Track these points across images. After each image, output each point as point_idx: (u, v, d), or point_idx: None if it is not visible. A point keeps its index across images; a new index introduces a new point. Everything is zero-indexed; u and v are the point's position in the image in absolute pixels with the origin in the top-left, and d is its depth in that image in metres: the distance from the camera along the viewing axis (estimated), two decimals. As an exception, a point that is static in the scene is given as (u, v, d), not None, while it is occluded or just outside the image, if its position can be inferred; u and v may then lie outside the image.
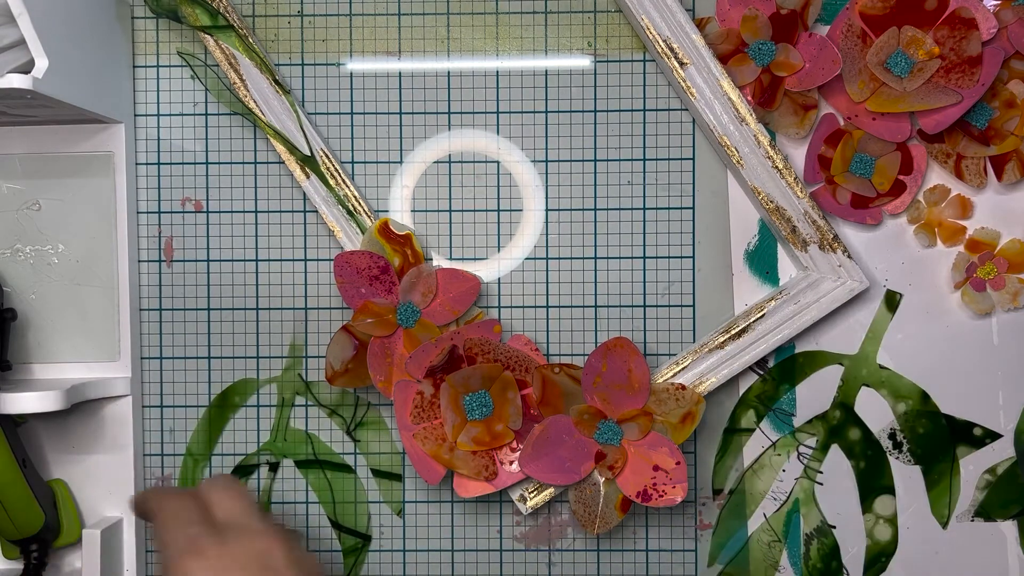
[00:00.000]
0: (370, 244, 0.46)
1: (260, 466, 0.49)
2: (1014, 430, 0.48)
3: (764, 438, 0.48)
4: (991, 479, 0.48)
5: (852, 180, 0.47)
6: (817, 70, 0.45)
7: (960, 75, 0.45)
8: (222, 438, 0.49)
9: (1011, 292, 0.47)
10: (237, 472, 0.49)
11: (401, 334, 0.46)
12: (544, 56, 0.48)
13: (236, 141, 0.49)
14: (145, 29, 0.48)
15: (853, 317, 0.48)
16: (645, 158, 0.48)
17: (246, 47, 0.46)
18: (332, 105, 0.48)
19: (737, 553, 0.49)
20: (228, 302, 0.49)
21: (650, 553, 0.49)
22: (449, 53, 0.48)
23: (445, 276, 0.46)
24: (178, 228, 0.49)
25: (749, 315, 0.46)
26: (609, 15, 0.48)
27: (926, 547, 0.48)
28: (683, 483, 0.45)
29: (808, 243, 0.46)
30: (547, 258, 0.48)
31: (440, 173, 0.48)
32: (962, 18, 0.44)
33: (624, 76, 0.48)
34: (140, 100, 0.49)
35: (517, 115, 0.48)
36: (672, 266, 0.48)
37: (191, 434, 0.49)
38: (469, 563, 0.49)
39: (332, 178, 0.47)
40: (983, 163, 0.47)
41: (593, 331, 0.48)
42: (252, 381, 0.49)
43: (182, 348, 0.49)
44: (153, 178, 0.49)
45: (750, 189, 0.46)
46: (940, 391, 0.48)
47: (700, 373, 0.46)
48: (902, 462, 0.48)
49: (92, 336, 0.47)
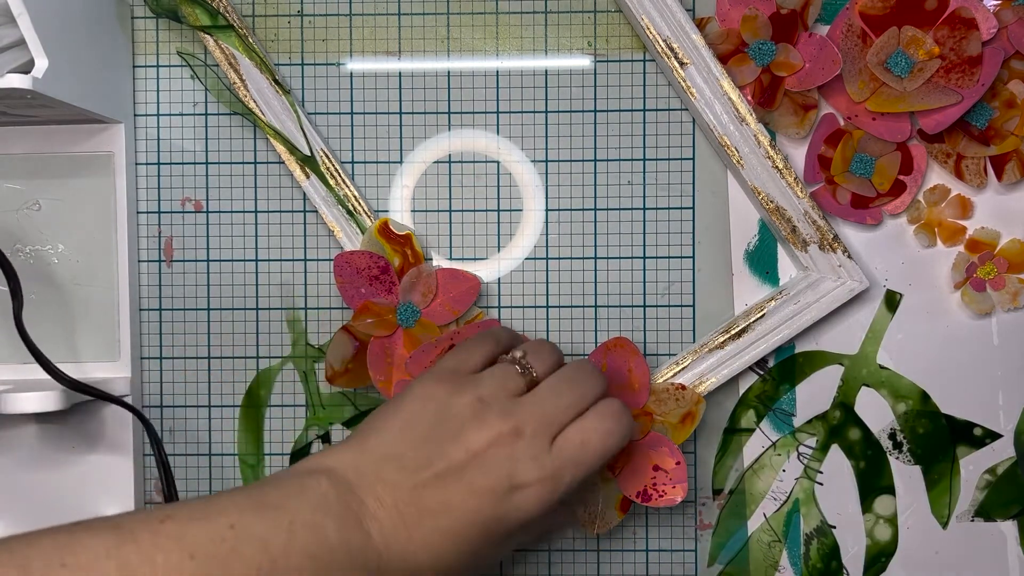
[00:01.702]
0: (370, 244, 0.46)
1: (312, 443, 0.49)
2: (1014, 430, 0.48)
3: (764, 438, 0.48)
4: (991, 479, 0.48)
5: (852, 180, 0.47)
6: (817, 70, 0.45)
7: (960, 75, 0.45)
8: (269, 437, 0.49)
9: (1011, 292, 0.47)
10: (294, 458, 0.49)
11: (401, 334, 0.46)
12: (544, 56, 0.48)
13: (236, 141, 0.49)
14: (145, 29, 0.48)
15: (853, 317, 0.48)
16: (645, 158, 0.48)
17: (246, 47, 0.46)
18: (332, 105, 0.48)
19: (737, 553, 0.49)
20: (228, 302, 0.49)
21: (650, 553, 0.49)
22: (449, 53, 0.48)
23: (445, 276, 0.46)
24: (178, 228, 0.49)
25: (749, 315, 0.46)
26: (609, 15, 0.48)
27: (926, 547, 0.48)
28: (683, 483, 0.45)
29: (808, 243, 0.46)
30: (547, 258, 0.48)
31: (440, 173, 0.48)
32: (962, 18, 0.44)
33: (624, 76, 0.48)
34: (140, 100, 0.49)
35: (517, 115, 0.48)
36: (672, 266, 0.48)
37: (236, 440, 0.49)
38: (469, 563, 0.49)
39: (332, 178, 0.47)
40: (983, 163, 0.47)
41: (593, 331, 0.48)
42: (267, 370, 0.49)
43: (182, 348, 0.49)
44: (153, 178, 0.49)
45: (750, 189, 0.46)
46: (940, 391, 0.48)
47: (700, 373, 0.46)
48: (902, 462, 0.48)
49: (92, 336, 0.47)
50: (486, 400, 0.38)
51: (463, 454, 0.36)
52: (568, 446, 0.37)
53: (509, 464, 0.36)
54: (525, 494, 0.36)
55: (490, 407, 0.37)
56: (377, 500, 0.35)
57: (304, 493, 0.34)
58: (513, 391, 0.38)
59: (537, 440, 0.37)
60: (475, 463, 0.36)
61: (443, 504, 0.35)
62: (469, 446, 0.36)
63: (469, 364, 0.40)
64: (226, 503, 0.33)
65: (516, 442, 0.36)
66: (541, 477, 0.36)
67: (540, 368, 0.40)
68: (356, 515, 0.34)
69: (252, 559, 0.31)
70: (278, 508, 0.33)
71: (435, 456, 0.36)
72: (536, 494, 0.36)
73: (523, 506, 0.36)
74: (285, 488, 0.34)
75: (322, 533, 0.33)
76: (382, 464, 0.36)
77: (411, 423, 0.37)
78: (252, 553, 0.31)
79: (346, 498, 0.35)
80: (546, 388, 0.39)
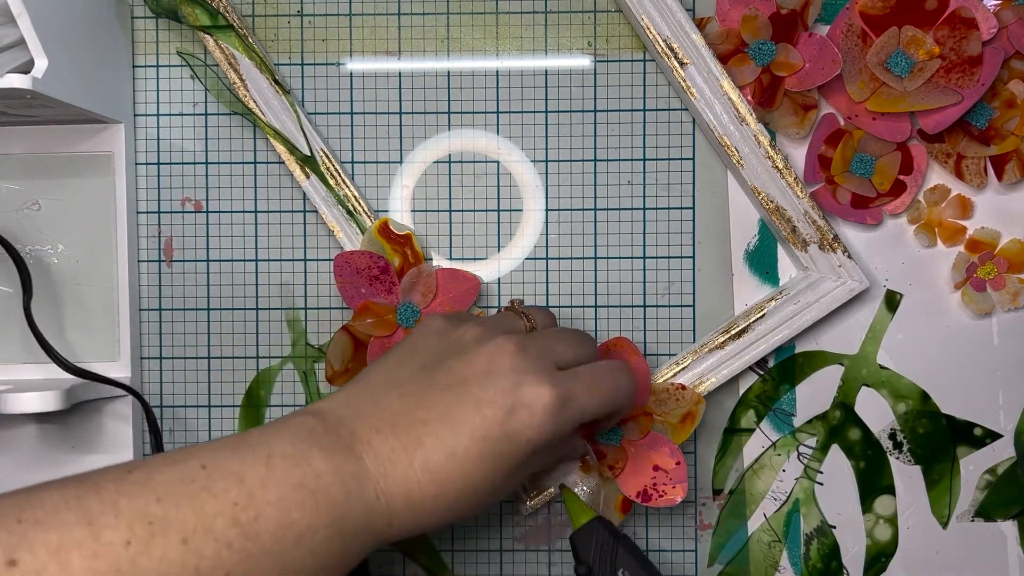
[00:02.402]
0: (370, 244, 0.46)
1: None
2: (1014, 430, 0.48)
3: (764, 438, 0.48)
4: (991, 479, 0.48)
5: (852, 180, 0.47)
6: (817, 70, 0.45)
7: (960, 75, 0.45)
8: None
9: (1011, 292, 0.47)
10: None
11: (401, 334, 0.46)
12: (544, 56, 0.48)
13: (236, 141, 0.49)
14: (145, 29, 0.48)
15: (853, 317, 0.48)
16: (645, 158, 0.48)
17: (246, 47, 0.46)
18: (332, 105, 0.48)
19: (737, 553, 0.49)
20: (228, 302, 0.49)
21: (650, 553, 0.49)
22: (449, 53, 0.48)
23: (445, 276, 0.46)
24: (178, 228, 0.49)
25: (749, 315, 0.46)
26: (609, 15, 0.48)
27: (926, 547, 0.48)
28: (683, 483, 0.45)
29: (808, 243, 0.46)
30: (547, 258, 0.48)
31: (440, 173, 0.48)
32: (962, 18, 0.44)
33: (624, 76, 0.48)
34: (140, 100, 0.49)
35: (517, 115, 0.48)
36: (672, 266, 0.48)
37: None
38: (469, 563, 0.49)
39: (332, 178, 0.47)
40: (983, 163, 0.47)
41: (593, 331, 0.48)
42: (267, 370, 0.49)
43: (182, 348, 0.49)
44: (153, 178, 0.49)
45: (750, 189, 0.46)
46: (940, 391, 0.48)
47: (700, 373, 0.46)
48: (902, 462, 0.48)
49: (92, 336, 0.47)
50: (487, 327, 0.37)
51: (467, 369, 0.35)
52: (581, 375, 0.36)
53: (515, 376, 0.34)
54: (532, 410, 0.34)
55: (494, 332, 0.37)
56: (371, 428, 0.33)
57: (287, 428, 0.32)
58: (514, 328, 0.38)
59: (542, 360, 0.35)
60: (480, 376, 0.34)
61: (447, 422, 0.33)
62: (473, 360, 0.35)
63: (470, 311, 0.40)
64: (201, 448, 0.31)
65: (521, 356, 0.35)
66: (549, 394, 0.34)
67: (539, 320, 0.40)
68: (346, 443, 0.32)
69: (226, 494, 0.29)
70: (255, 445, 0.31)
71: (439, 376, 0.35)
72: (543, 412, 0.34)
73: (532, 422, 0.34)
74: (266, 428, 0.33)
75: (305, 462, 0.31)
76: (382, 394, 0.35)
77: (412, 352, 0.36)
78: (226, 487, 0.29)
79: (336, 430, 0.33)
80: (549, 331, 0.39)
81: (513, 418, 0.34)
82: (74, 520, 0.27)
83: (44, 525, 0.27)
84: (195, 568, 0.28)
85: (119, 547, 0.27)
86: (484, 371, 0.35)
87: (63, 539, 0.27)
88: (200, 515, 0.29)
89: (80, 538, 0.27)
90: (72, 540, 0.27)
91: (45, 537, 0.27)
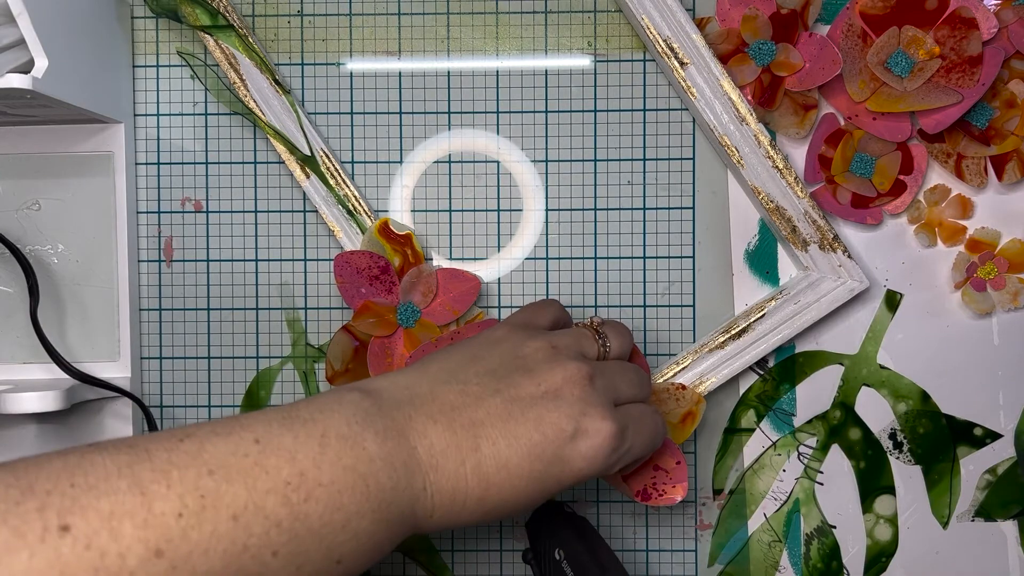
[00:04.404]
0: (370, 244, 0.46)
1: None
2: (1014, 430, 0.48)
3: (764, 438, 0.48)
4: (991, 479, 0.48)
5: (852, 180, 0.47)
6: (817, 70, 0.45)
7: (960, 75, 0.45)
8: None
9: (1011, 292, 0.47)
10: None
11: (401, 334, 0.46)
12: (544, 56, 0.48)
13: (236, 141, 0.49)
14: (145, 29, 0.48)
15: (853, 317, 0.48)
16: (645, 158, 0.48)
17: (246, 47, 0.46)
18: (332, 105, 0.48)
19: (737, 553, 0.49)
20: (228, 302, 0.49)
21: (650, 553, 0.49)
22: (449, 53, 0.48)
23: (445, 276, 0.46)
24: (178, 228, 0.49)
25: (749, 315, 0.46)
26: (609, 15, 0.48)
27: (926, 547, 0.48)
28: (683, 483, 0.45)
29: (808, 243, 0.46)
30: (547, 258, 0.48)
31: (440, 173, 0.48)
32: (962, 18, 0.44)
33: (624, 76, 0.48)
34: (140, 100, 0.49)
35: (517, 115, 0.48)
36: (672, 266, 0.48)
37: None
38: (470, 563, 0.49)
39: (332, 178, 0.47)
40: (983, 163, 0.47)
41: (593, 331, 0.48)
42: (267, 371, 0.49)
43: (182, 348, 0.49)
44: (153, 178, 0.49)
45: (750, 189, 0.46)
46: (940, 391, 0.48)
47: (700, 373, 0.46)
48: (902, 462, 0.48)
49: (92, 336, 0.47)
50: (560, 348, 0.36)
51: (535, 387, 0.34)
52: (633, 416, 0.36)
53: (581, 405, 0.34)
54: (590, 442, 0.34)
55: (565, 354, 0.36)
56: (429, 418, 0.33)
57: (341, 406, 0.32)
58: (586, 351, 0.38)
59: (607, 394, 0.36)
60: (547, 397, 0.34)
61: (505, 432, 0.33)
62: (543, 380, 0.35)
63: (539, 321, 0.39)
64: (253, 419, 0.30)
65: (590, 387, 0.35)
66: (610, 429, 0.34)
67: (615, 344, 0.39)
68: (401, 430, 0.32)
69: (278, 472, 0.29)
70: (309, 421, 0.31)
71: (504, 386, 0.34)
72: (600, 444, 0.34)
73: (586, 454, 0.34)
74: (320, 403, 0.32)
75: (359, 445, 0.30)
76: (441, 386, 0.34)
77: (479, 357, 0.36)
78: (278, 464, 0.29)
79: (392, 413, 0.32)
80: (616, 364, 0.38)
81: (571, 445, 0.34)
82: (126, 488, 0.27)
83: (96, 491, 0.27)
84: (244, 545, 0.28)
85: (171, 518, 0.27)
86: (552, 393, 0.34)
87: (115, 507, 0.26)
88: (252, 492, 0.28)
89: (132, 507, 0.27)
90: (124, 509, 0.27)
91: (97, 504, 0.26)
